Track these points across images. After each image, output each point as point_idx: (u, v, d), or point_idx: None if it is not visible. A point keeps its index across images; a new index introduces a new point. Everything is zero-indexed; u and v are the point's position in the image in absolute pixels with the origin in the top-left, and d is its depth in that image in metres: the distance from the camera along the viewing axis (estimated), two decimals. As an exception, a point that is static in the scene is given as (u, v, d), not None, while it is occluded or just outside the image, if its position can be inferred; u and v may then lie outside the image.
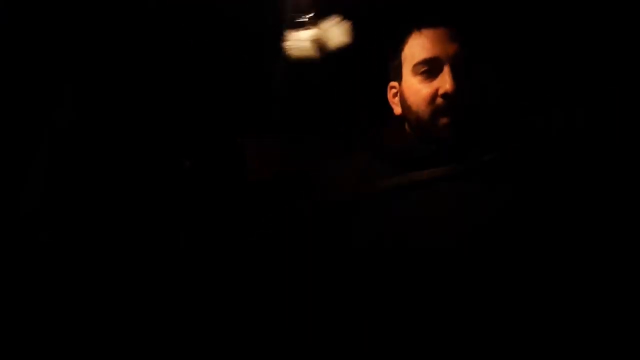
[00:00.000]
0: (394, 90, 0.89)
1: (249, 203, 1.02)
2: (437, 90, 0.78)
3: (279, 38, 0.99)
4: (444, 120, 0.77)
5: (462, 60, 0.78)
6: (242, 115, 1.14)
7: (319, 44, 0.97)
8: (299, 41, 0.97)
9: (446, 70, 0.77)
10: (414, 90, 0.81)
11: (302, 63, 0.99)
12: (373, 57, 0.96)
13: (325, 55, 0.99)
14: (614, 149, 0.88)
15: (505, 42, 1.01)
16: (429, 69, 0.79)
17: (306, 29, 0.96)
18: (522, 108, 0.98)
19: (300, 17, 0.95)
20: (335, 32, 0.98)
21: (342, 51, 0.99)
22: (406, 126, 0.87)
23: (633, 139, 0.90)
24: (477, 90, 0.79)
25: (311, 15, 0.96)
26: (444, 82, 0.77)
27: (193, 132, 1.10)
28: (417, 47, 0.82)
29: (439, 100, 0.77)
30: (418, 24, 0.83)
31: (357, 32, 1.00)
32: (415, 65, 0.81)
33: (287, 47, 0.98)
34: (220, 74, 1.11)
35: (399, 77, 0.86)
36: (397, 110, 0.88)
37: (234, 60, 1.10)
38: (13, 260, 0.76)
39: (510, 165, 0.74)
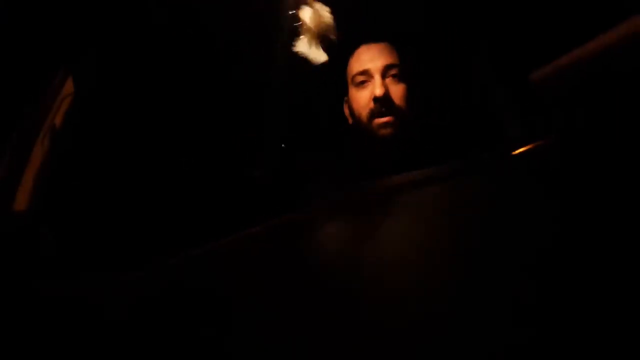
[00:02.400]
0: (346, 104, 1.02)
1: (249, 202, 1.03)
2: (370, 95, 0.91)
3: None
4: (378, 121, 0.90)
5: (391, 69, 0.92)
6: (241, 114, 1.15)
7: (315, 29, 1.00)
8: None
9: (376, 78, 0.91)
10: (354, 98, 0.96)
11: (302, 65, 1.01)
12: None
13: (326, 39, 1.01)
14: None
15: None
16: (363, 79, 0.94)
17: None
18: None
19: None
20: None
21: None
22: (356, 135, 0.98)
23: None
24: (409, 95, 0.92)
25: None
26: (374, 87, 0.90)
27: (193, 131, 1.11)
28: (354, 63, 0.97)
29: (371, 103, 0.90)
30: (354, 46, 0.98)
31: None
32: (352, 78, 0.96)
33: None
34: (219, 76, 1.12)
35: (346, 91, 1.00)
36: (350, 120, 1.02)
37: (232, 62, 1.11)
38: (12, 261, 0.76)
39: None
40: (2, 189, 0.84)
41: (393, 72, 0.92)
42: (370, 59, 0.94)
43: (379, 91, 0.89)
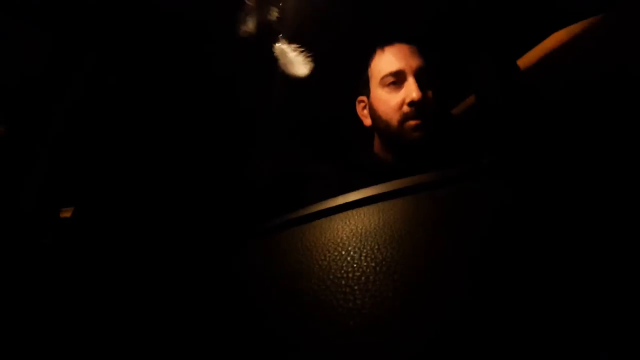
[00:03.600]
0: (362, 104, 0.96)
1: (249, 205, 1.03)
2: (404, 99, 0.85)
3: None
4: (411, 123, 0.84)
5: (424, 72, 0.87)
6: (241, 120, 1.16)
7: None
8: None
9: (411, 80, 0.85)
10: (383, 100, 0.88)
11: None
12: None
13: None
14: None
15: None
16: (395, 80, 0.87)
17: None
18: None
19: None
20: (295, 60, 1.01)
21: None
22: (376, 137, 0.93)
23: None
24: (440, 99, 0.87)
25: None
26: (410, 91, 0.84)
27: (194, 136, 1.11)
28: (383, 62, 0.90)
29: (406, 107, 0.84)
30: (382, 43, 0.92)
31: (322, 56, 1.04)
32: (382, 78, 0.89)
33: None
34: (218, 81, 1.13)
35: (367, 91, 0.93)
36: (367, 122, 0.95)
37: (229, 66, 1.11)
38: (14, 262, 0.75)
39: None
40: (7, 189, 0.84)
41: (425, 74, 0.87)
42: (403, 58, 0.88)
43: (415, 94, 0.83)
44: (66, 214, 0.91)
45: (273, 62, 0.99)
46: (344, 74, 1.00)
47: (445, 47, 1.02)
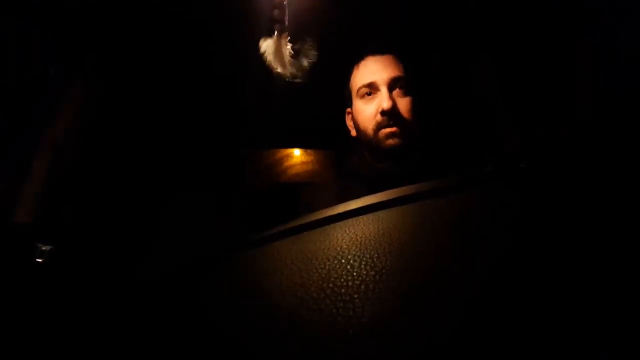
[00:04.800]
0: (349, 115, 1.02)
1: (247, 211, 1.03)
2: (377, 108, 0.90)
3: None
4: (385, 132, 0.89)
5: (397, 81, 0.91)
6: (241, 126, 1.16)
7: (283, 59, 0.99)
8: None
9: (382, 90, 0.90)
10: (359, 111, 0.95)
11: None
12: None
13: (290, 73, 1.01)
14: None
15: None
16: (369, 92, 0.93)
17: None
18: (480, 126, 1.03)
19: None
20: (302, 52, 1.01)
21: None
22: (362, 146, 0.96)
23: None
24: (415, 107, 0.91)
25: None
26: (381, 100, 0.89)
27: (194, 142, 1.11)
28: (359, 75, 0.96)
29: (379, 116, 0.90)
30: (358, 58, 0.97)
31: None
32: (358, 91, 0.94)
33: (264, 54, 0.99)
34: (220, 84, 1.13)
35: (350, 103, 0.99)
36: (353, 132, 1.01)
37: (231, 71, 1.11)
38: (12, 270, 0.76)
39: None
40: (3, 201, 0.84)
41: (399, 84, 0.91)
42: (376, 71, 0.93)
43: (386, 104, 0.88)
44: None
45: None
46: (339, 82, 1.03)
47: (445, 47, 1.02)
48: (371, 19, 1.06)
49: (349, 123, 1.03)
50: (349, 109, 1.01)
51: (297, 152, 1.25)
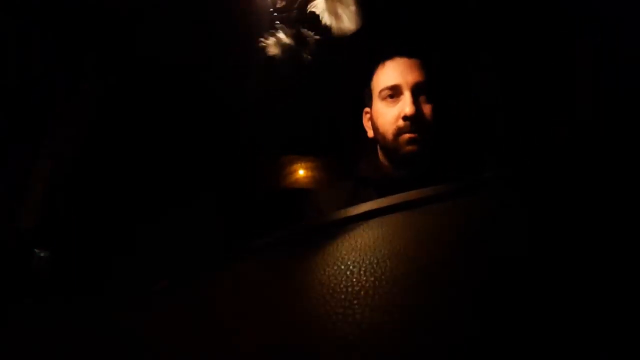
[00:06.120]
0: (367, 115, 1.00)
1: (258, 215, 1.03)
2: (399, 113, 0.88)
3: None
4: (405, 137, 0.87)
5: (421, 86, 0.89)
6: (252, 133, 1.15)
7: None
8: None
9: (406, 95, 0.88)
10: (380, 113, 0.92)
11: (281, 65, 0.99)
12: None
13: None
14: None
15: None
16: (392, 94, 0.90)
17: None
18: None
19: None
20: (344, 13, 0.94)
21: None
22: (378, 148, 0.96)
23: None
24: (435, 114, 0.89)
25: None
26: (404, 105, 0.87)
27: (204, 147, 1.11)
28: (382, 76, 0.93)
29: (400, 121, 0.88)
30: (383, 57, 0.95)
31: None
32: (380, 92, 0.92)
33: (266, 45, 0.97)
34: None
35: (370, 103, 0.97)
36: (370, 133, 0.99)
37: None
38: (13, 274, 0.76)
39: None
40: (5, 207, 0.84)
41: (423, 90, 0.89)
42: (400, 73, 0.90)
43: (409, 110, 0.86)
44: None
45: (272, 63, 0.99)
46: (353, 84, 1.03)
47: (445, 48, 1.02)
48: (380, 22, 1.05)
49: (366, 123, 1.01)
50: (367, 109, 1.00)
51: (297, 159, 1.25)
